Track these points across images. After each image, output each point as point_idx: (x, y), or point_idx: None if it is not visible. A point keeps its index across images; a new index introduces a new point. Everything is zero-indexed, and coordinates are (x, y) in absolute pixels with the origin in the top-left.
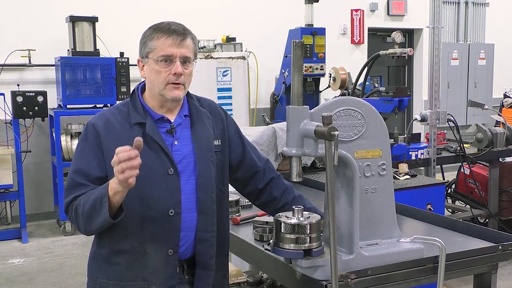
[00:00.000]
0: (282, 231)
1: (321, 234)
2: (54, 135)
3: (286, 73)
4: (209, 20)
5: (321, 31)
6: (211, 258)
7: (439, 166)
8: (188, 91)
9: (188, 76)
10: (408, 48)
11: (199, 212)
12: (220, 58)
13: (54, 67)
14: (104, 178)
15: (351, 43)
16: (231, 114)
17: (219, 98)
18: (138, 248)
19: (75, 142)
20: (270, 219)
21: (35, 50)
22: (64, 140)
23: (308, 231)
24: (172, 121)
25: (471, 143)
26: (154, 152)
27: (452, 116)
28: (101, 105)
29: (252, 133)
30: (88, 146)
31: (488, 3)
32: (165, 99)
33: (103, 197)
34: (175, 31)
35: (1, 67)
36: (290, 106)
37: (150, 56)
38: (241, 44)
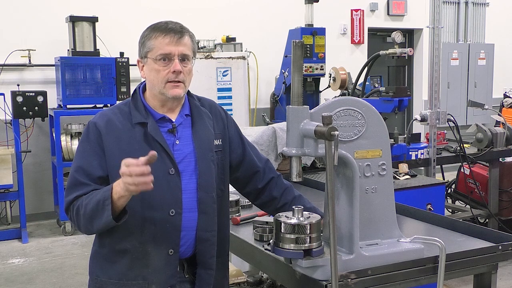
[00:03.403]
0: (282, 231)
1: (321, 234)
2: (54, 135)
3: (286, 73)
4: (209, 20)
5: (321, 31)
6: (212, 258)
7: (439, 166)
8: (188, 91)
9: (188, 74)
10: (408, 48)
11: (199, 212)
12: (220, 58)
13: (54, 67)
14: (106, 178)
15: (351, 43)
16: (231, 114)
17: (219, 98)
18: (139, 247)
19: (75, 142)
20: (270, 219)
21: (35, 50)
22: (64, 140)
23: (308, 231)
24: (174, 120)
25: (471, 143)
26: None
27: (452, 116)
28: (101, 105)
29: (252, 133)
30: (90, 145)
31: (488, 3)
32: (165, 98)
33: (106, 200)
34: (172, 29)
35: (1, 67)
36: (290, 106)
37: (149, 56)
38: (241, 44)
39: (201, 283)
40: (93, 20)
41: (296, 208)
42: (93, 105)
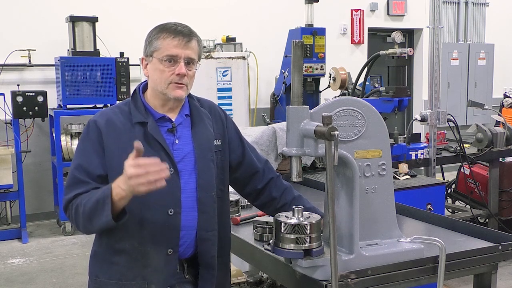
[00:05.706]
0: (282, 231)
1: (321, 234)
2: (54, 135)
3: (286, 73)
4: (209, 20)
5: (321, 31)
6: (213, 257)
7: (439, 166)
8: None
9: (191, 78)
10: (408, 48)
11: (199, 211)
12: (220, 58)
13: (54, 67)
14: (105, 176)
15: (351, 43)
16: (231, 114)
17: (219, 98)
18: (138, 247)
19: (75, 142)
20: (270, 219)
21: (35, 50)
22: (64, 140)
23: (308, 231)
24: (173, 120)
25: (471, 143)
26: (155, 151)
27: (452, 116)
28: (101, 105)
29: (252, 133)
30: (90, 144)
31: (488, 3)
32: (167, 98)
33: (106, 199)
34: (181, 32)
35: (1, 67)
36: (290, 106)
37: (154, 55)
38: (241, 44)
39: (204, 284)
40: (93, 20)
41: (296, 208)
42: (93, 105)
